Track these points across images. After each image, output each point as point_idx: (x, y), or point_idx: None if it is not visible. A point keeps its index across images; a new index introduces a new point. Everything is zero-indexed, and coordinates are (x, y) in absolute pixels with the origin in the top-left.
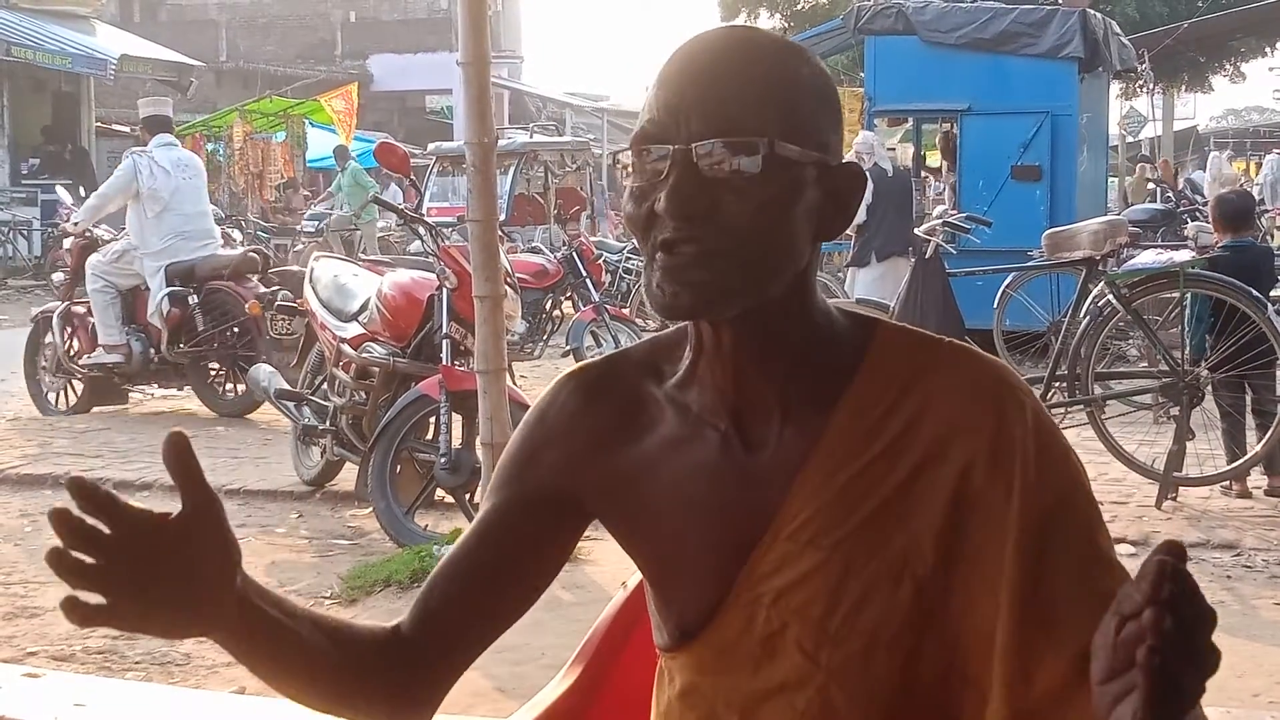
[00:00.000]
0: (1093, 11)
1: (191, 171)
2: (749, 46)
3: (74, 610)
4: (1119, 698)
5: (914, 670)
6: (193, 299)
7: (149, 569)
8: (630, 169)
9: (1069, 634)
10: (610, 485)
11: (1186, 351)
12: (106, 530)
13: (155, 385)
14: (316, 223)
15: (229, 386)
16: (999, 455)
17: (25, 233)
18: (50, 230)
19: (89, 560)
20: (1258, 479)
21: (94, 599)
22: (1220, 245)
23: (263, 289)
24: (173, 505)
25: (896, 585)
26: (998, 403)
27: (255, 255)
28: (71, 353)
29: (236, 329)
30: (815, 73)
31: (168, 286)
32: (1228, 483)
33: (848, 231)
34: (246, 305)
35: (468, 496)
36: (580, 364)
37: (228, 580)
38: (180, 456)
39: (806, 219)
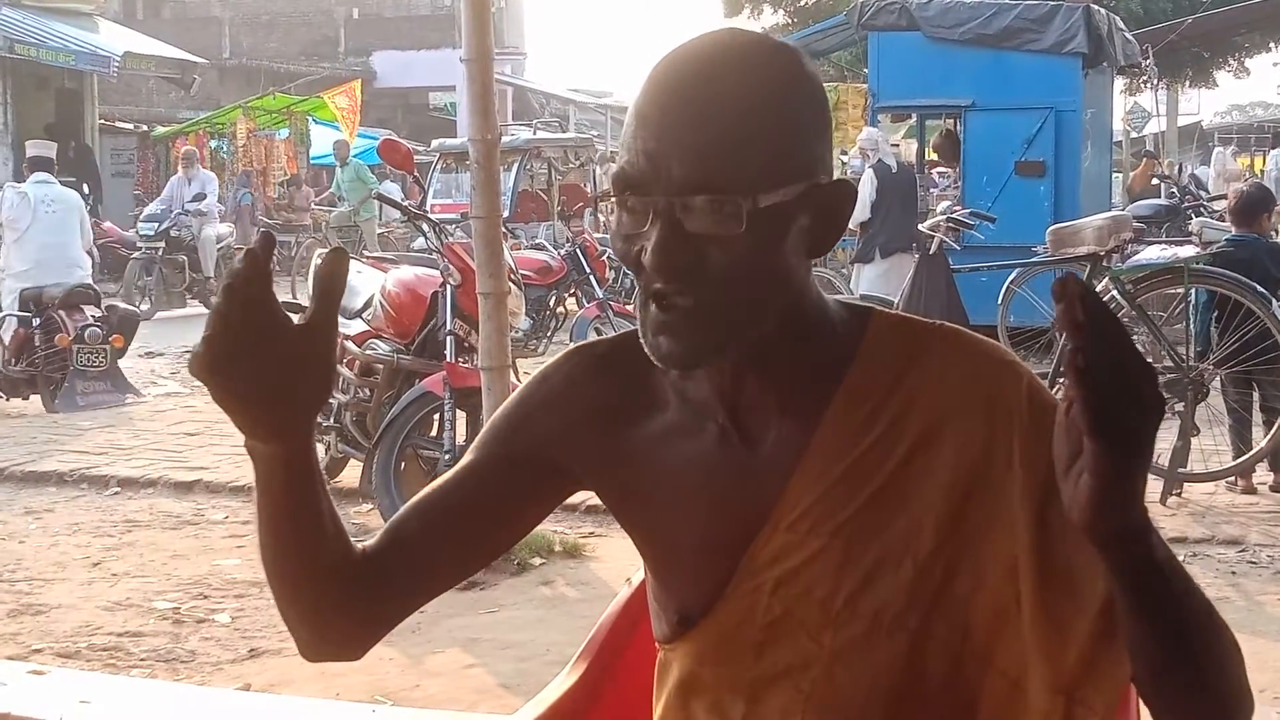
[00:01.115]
0: (1096, 7)
1: (57, 206)
2: (728, 71)
3: (207, 351)
4: (1077, 479)
5: (921, 653)
6: (36, 321)
7: (266, 349)
8: (614, 206)
9: (1088, 595)
10: (608, 461)
11: (1191, 347)
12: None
13: (23, 395)
14: (155, 225)
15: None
16: (996, 429)
17: None
18: None
19: (236, 312)
20: (1263, 475)
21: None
22: (1224, 239)
23: (93, 316)
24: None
25: (898, 567)
26: (992, 380)
27: (86, 288)
28: None
29: (56, 355)
30: (801, 82)
31: (19, 310)
32: (1233, 479)
33: (852, 228)
34: (56, 339)
35: None
36: (590, 340)
37: (313, 405)
38: (333, 275)
39: (797, 249)
